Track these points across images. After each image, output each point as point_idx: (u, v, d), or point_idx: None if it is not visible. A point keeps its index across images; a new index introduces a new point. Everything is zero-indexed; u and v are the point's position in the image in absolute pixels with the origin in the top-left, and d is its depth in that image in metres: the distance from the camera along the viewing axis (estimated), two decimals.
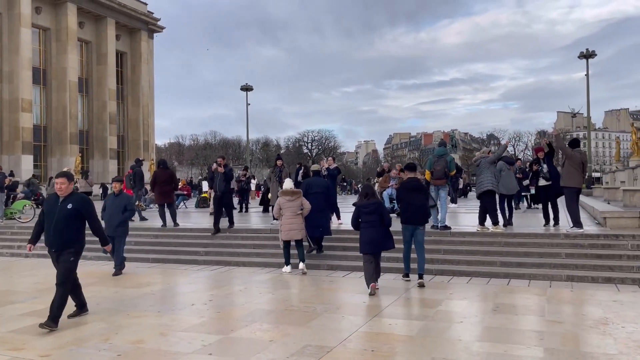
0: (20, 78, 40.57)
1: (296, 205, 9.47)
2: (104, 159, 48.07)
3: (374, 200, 8.09)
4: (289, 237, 9.44)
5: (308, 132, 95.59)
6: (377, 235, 7.84)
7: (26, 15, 40.78)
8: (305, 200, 9.66)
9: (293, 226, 9.39)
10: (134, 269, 10.47)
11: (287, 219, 9.41)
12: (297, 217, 9.43)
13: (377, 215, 7.87)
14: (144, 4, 53.35)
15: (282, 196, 9.57)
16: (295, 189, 9.87)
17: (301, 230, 9.47)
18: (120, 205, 9.81)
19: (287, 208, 9.43)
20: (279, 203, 9.57)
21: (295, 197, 9.52)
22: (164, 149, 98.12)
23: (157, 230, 13.09)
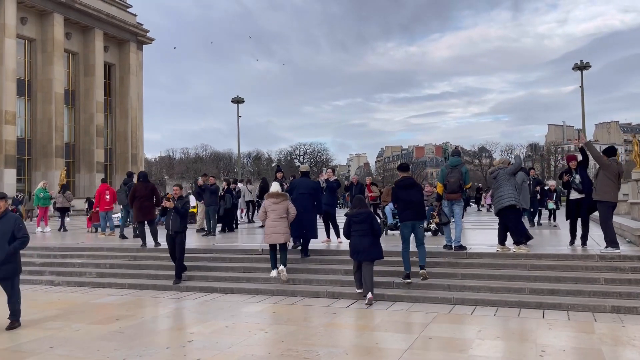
0: (3, 90, 39.14)
1: (281, 208, 9.20)
2: (90, 172, 46.50)
3: (364, 210, 8.44)
4: (271, 241, 9.18)
5: (300, 145, 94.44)
6: (365, 243, 8.14)
7: (11, 26, 39.49)
8: (291, 205, 9.35)
9: (276, 229, 9.10)
10: (106, 296, 9.12)
11: (270, 221, 9.17)
12: (281, 221, 9.15)
13: (367, 224, 8.19)
14: (133, 15, 52.28)
15: (268, 198, 9.35)
16: (281, 192, 9.52)
17: (285, 234, 9.17)
18: (6, 231, 6.81)
19: (272, 210, 9.20)
20: (264, 206, 9.39)
21: (281, 199, 9.27)
22: (154, 162, 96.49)
23: (135, 250, 11.74)
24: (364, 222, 8.18)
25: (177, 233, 9.70)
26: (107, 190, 15.28)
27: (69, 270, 10.87)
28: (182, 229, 9.76)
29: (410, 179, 8.86)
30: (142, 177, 12.14)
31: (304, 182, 10.53)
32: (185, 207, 9.88)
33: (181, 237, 9.78)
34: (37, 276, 10.80)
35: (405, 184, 8.71)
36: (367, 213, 8.37)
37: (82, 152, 46.99)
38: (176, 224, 9.67)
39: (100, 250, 12.04)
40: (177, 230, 9.69)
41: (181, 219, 9.74)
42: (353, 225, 8.25)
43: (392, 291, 8.47)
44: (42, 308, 8.23)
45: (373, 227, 8.19)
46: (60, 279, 10.49)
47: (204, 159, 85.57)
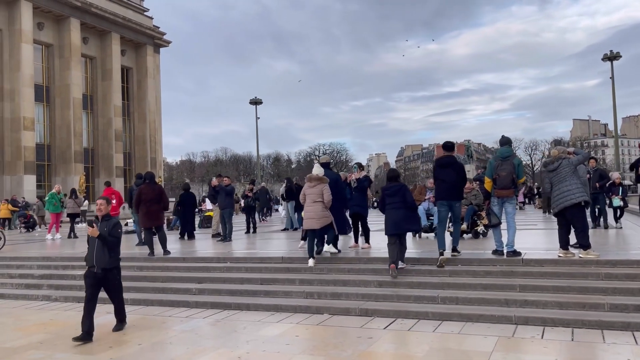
0: (21, 96, 38.80)
1: (315, 192, 8.88)
2: (110, 177, 45.90)
3: (397, 183, 8.47)
4: (306, 226, 8.95)
5: (319, 146, 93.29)
6: (399, 216, 8.08)
7: (27, 32, 39.14)
8: (327, 189, 8.91)
9: (311, 214, 8.86)
10: (104, 315, 7.93)
11: (307, 206, 8.97)
12: (316, 205, 8.84)
13: (399, 196, 8.16)
14: (150, 18, 51.77)
15: (307, 182, 9.10)
16: (320, 175, 9.10)
17: (319, 219, 8.78)
18: None
19: (309, 195, 8.95)
20: (303, 189, 9.15)
21: (315, 183, 8.93)
22: (175, 166, 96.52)
23: (142, 260, 10.58)
24: (396, 194, 8.19)
25: (105, 271, 6.65)
26: (112, 194, 14.19)
27: (69, 284, 9.76)
28: (112, 265, 6.74)
29: (449, 158, 8.57)
30: (148, 178, 10.97)
31: (327, 175, 9.50)
32: (114, 232, 6.69)
33: (114, 276, 6.86)
34: (34, 290, 9.72)
35: (442, 162, 8.56)
36: (399, 185, 8.36)
37: (101, 157, 46.57)
38: (103, 259, 6.56)
39: None
40: (106, 267, 6.63)
41: (110, 249, 6.63)
42: (386, 198, 8.31)
43: (437, 307, 7.10)
44: (28, 331, 7.10)
45: (406, 199, 8.16)
46: (58, 293, 9.37)
47: (223, 162, 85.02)
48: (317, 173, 9.12)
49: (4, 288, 10.05)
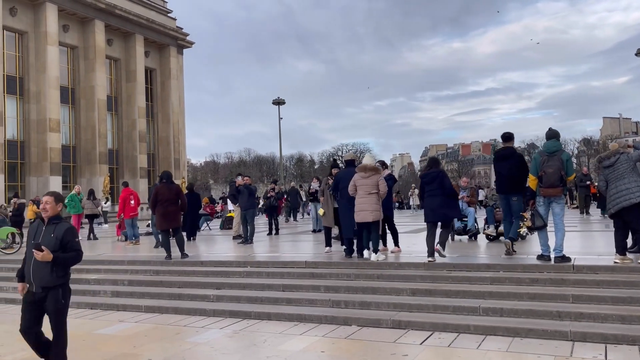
0: (47, 98, 39.12)
1: (370, 183, 8.43)
2: (134, 178, 46.07)
3: (435, 169, 8.34)
4: (359, 219, 8.49)
5: (342, 146, 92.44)
6: (436, 203, 8.07)
7: (53, 34, 39.45)
8: (382, 180, 8.55)
9: (364, 206, 8.39)
10: (116, 323, 7.41)
11: (359, 198, 8.49)
12: (370, 197, 8.39)
13: (437, 183, 8.08)
14: (173, 19, 51.84)
15: (358, 172, 8.61)
16: (372, 165, 8.68)
17: (374, 211, 8.36)
18: None
19: (361, 186, 8.48)
20: (354, 180, 8.60)
21: (370, 173, 8.48)
22: (199, 167, 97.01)
23: (159, 264, 10.06)
24: (433, 181, 8.13)
25: (46, 290, 4.81)
26: (131, 195, 13.78)
27: (82, 289, 9.28)
28: (57, 283, 4.80)
29: (506, 150, 8.40)
30: (165, 177, 10.45)
31: (349, 173, 8.96)
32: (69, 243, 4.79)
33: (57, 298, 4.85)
34: None
35: (499, 154, 8.43)
36: (437, 172, 8.25)
37: (126, 158, 46.77)
38: (44, 275, 4.72)
39: (120, 264, 10.45)
40: (47, 286, 4.79)
41: (56, 264, 4.70)
42: (425, 186, 8.30)
43: (480, 319, 6.34)
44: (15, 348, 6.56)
45: (443, 185, 8.08)
46: (71, 299, 8.86)
47: (247, 163, 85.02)
48: (369, 162, 8.71)
49: (16, 293, 9.58)
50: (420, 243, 11.71)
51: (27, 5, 38.70)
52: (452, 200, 8.32)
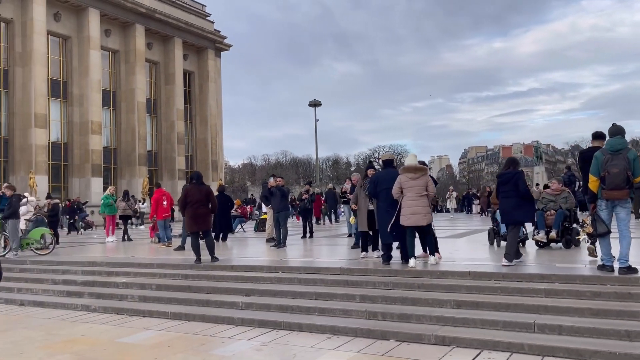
0: (90, 101, 40.00)
1: (420, 185, 8.04)
2: (172, 179, 46.68)
3: (512, 170, 8.04)
4: (411, 222, 7.97)
5: (379, 148, 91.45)
6: (509, 205, 7.87)
7: (95, 38, 40.34)
8: (431, 181, 8.24)
9: (417, 209, 7.93)
10: (141, 331, 7.05)
11: (409, 200, 7.99)
12: (422, 199, 8.01)
13: (512, 184, 7.84)
14: (211, 22, 52.30)
15: (404, 173, 8.16)
16: (420, 165, 8.26)
17: (427, 214, 8.03)
18: None
19: (410, 188, 8.03)
20: (399, 181, 8.12)
21: (420, 174, 8.07)
22: (237, 169, 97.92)
23: (188, 267, 9.72)
24: (508, 182, 7.90)
25: None
26: (163, 196, 13.57)
27: (110, 292, 9.02)
28: None
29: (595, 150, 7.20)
30: (195, 178, 10.10)
31: (389, 174, 8.54)
32: None
33: None
34: (75, 299, 9.05)
35: (586, 155, 7.46)
36: (512, 173, 7.96)
37: (164, 160, 47.40)
38: None
39: (149, 267, 10.16)
40: None
41: None
42: (500, 187, 8.09)
43: (535, 338, 5.64)
44: (54, 349, 6.29)
45: (518, 187, 7.77)
46: (98, 303, 8.63)
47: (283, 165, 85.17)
48: (415, 163, 8.26)
49: (45, 295, 9.49)
50: (461, 249, 11.01)
51: (71, 11, 39.69)
52: (527, 203, 7.89)
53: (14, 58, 36.26)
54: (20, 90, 36.34)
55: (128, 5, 42.10)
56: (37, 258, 12.00)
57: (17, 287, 10.08)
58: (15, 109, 36.30)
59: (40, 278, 10.43)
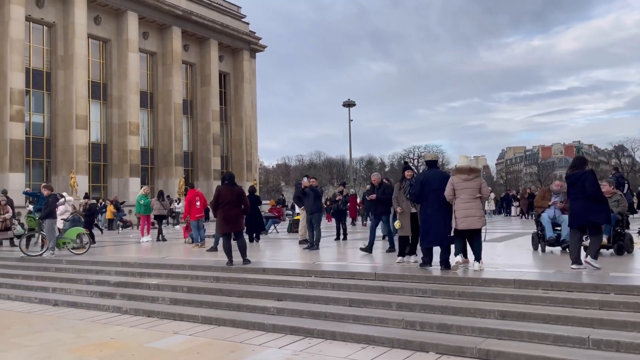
0: (128, 102, 40.79)
1: (474, 186, 7.80)
2: (208, 180, 47.18)
3: (579, 170, 7.73)
4: (465, 226, 7.69)
5: (414, 149, 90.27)
6: (578, 208, 7.57)
7: (133, 41, 41.12)
8: (485, 183, 8.01)
9: (471, 211, 7.68)
10: (170, 335, 6.87)
11: (462, 202, 7.70)
12: (476, 201, 7.78)
13: (579, 186, 7.58)
14: (246, 24, 52.64)
15: (457, 174, 7.93)
16: (474, 166, 8.02)
17: (481, 217, 7.82)
18: None
19: (463, 189, 7.76)
20: (452, 183, 7.84)
21: (473, 175, 7.83)
22: (271, 170, 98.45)
23: (220, 270, 9.54)
24: (575, 183, 7.63)
25: None
26: (196, 196, 13.50)
27: (142, 294, 8.93)
28: None
29: None
30: (227, 178, 9.92)
31: (435, 174, 8.33)
32: None
33: None
34: (107, 300, 9.00)
35: None
36: (580, 174, 7.62)
37: (200, 160, 47.96)
38: None
39: (181, 268, 10.05)
40: None
41: None
42: (569, 188, 7.84)
43: (590, 355, 5.16)
44: (82, 353, 6.17)
45: (585, 188, 7.46)
46: (130, 304, 8.54)
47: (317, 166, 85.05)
48: (469, 164, 8.02)
49: (79, 295, 9.48)
50: (503, 254, 10.46)
51: (111, 14, 40.58)
52: (598, 204, 7.49)
53: (56, 61, 37.30)
54: (62, 92, 37.35)
55: (165, 7, 42.75)
56: (72, 257, 12.09)
57: (53, 286, 10.13)
58: (57, 111, 37.34)
59: (74, 278, 10.46)
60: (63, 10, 37.37)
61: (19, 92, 33.72)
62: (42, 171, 37.42)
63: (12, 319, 8.30)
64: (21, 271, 11.57)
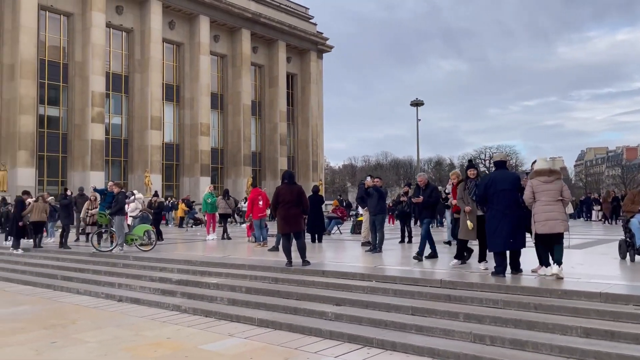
0: (199, 104, 42.10)
1: (556, 189, 7.35)
2: (275, 180, 47.70)
3: None
4: (546, 230, 7.17)
5: (485, 149, 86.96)
6: None
7: (205, 44, 42.38)
8: (566, 186, 7.49)
9: (553, 214, 7.18)
10: (226, 338, 6.70)
11: (543, 205, 7.25)
12: (558, 204, 7.29)
13: None
14: (314, 25, 52.82)
15: (536, 177, 7.48)
16: (555, 169, 7.69)
17: (564, 221, 7.30)
18: None
19: (544, 192, 7.32)
20: (531, 186, 7.45)
21: (554, 177, 7.41)
22: (338, 170, 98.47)
23: (279, 270, 9.32)
24: None
25: None
26: (259, 195, 13.43)
27: (201, 293, 8.88)
28: None
29: None
30: (286, 177, 9.70)
31: (503, 174, 7.88)
32: None
33: None
34: (168, 297, 9.03)
35: None
36: None
37: (267, 160, 48.70)
38: None
39: (240, 268, 9.94)
40: None
41: None
42: None
43: None
44: (137, 352, 6.13)
45: None
46: (189, 303, 8.51)
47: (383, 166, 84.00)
48: (549, 166, 7.63)
49: (142, 292, 9.60)
50: (585, 263, 9.51)
51: (184, 19, 42.03)
52: None
53: (134, 65, 39.11)
54: (138, 94, 39.13)
55: (235, 11, 43.72)
56: (139, 254, 12.36)
57: (119, 282, 10.35)
58: (134, 112, 39.15)
59: (139, 274, 10.65)
60: (140, 16, 39.13)
61: (100, 95, 35.65)
62: (120, 170, 39.37)
63: (79, 313, 8.50)
64: (92, 266, 11.98)
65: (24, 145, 32.06)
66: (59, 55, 35.62)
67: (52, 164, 35.58)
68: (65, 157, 35.78)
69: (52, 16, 35.26)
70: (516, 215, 7.57)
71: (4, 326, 7.54)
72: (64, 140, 35.75)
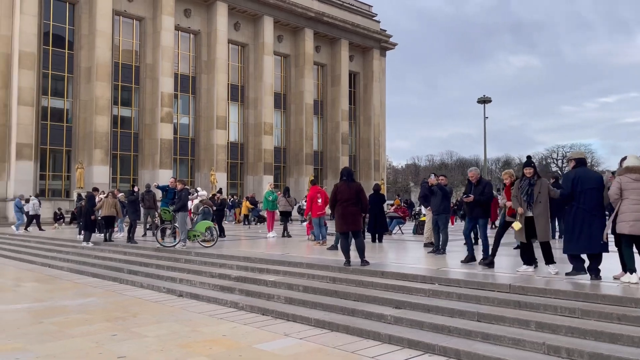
0: (263, 103, 42.75)
1: None
2: (336, 179, 47.43)
3: None
4: (635, 230, 6.66)
5: (558, 148, 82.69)
6: None
7: (269, 44, 42.97)
8: None
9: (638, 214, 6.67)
10: (281, 337, 6.54)
11: (632, 204, 6.77)
12: None
13: None
14: (377, 22, 52.22)
15: (626, 174, 7.00)
16: None
17: None
18: None
19: (632, 190, 6.81)
20: (619, 182, 6.95)
21: None
22: (400, 170, 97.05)
23: (337, 270, 9.08)
24: None
25: None
26: (318, 193, 13.25)
27: (259, 291, 8.79)
28: None
29: None
30: (345, 175, 9.42)
31: (587, 173, 7.42)
32: None
33: None
34: (227, 294, 9.03)
35: None
36: None
37: (329, 159, 48.69)
38: None
39: (298, 266, 9.78)
40: None
41: None
42: None
43: None
44: (192, 349, 6.07)
45: None
46: (246, 300, 8.44)
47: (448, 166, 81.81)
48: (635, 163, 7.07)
49: (202, 288, 9.67)
50: None
51: (249, 20, 42.81)
52: None
53: (200, 66, 40.28)
54: (204, 95, 40.26)
55: (298, 10, 44.00)
56: (201, 250, 12.53)
57: (180, 277, 10.50)
58: (200, 112, 40.33)
59: (200, 270, 10.76)
60: (207, 18, 40.24)
61: (169, 95, 36.98)
62: (187, 168, 40.69)
63: (141, 306, 8.65)
64: (155, 261, 12.26)
65: (99, 144, 33.81)
66: (132, 58, 37.29)
67: (125, 162, 37.32)
68: (137, 156, 37.41)
69: (126, 21, 36.97)
70: (602, 215, 7.14)
71: (71, 317, 7.79)
72: (135, 139, 37.38)
